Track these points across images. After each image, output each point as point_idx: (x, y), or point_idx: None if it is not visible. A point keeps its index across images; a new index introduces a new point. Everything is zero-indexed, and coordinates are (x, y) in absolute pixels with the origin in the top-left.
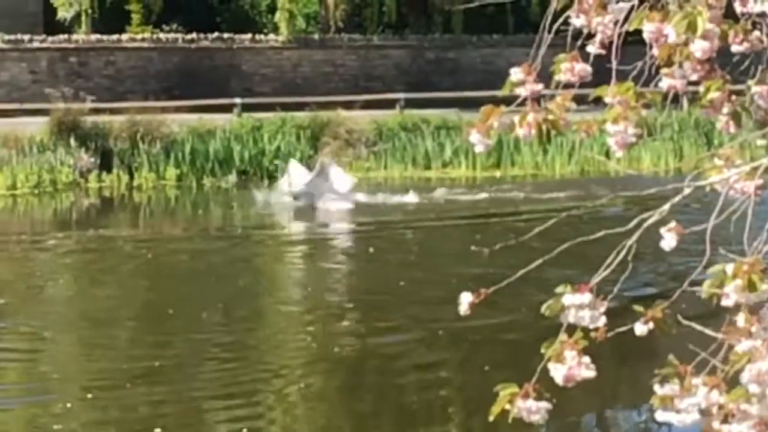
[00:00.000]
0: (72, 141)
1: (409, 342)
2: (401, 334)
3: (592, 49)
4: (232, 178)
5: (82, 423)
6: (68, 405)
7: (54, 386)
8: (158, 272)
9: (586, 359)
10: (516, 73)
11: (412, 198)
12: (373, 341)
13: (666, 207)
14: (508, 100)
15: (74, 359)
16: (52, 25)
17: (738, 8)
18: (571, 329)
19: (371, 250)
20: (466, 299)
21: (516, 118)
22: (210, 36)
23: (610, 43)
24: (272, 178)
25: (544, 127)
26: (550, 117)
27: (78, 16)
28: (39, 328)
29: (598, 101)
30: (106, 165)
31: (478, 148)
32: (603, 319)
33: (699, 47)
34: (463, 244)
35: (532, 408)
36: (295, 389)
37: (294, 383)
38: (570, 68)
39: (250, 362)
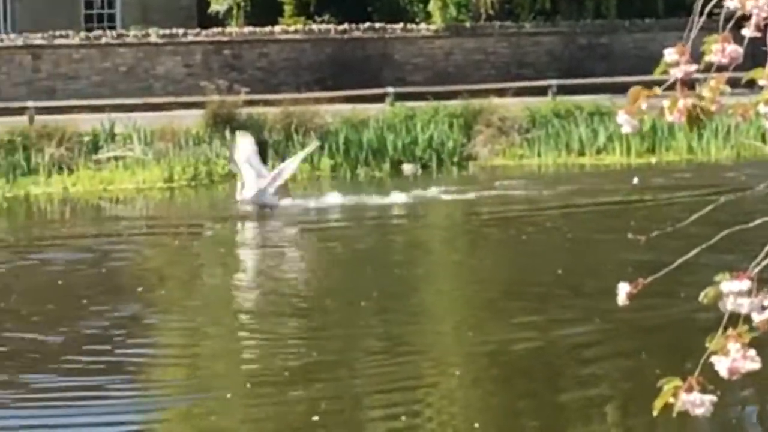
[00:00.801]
0: (227, 133)
1: (578, 335)
2: (564, 327)
3: (747, 32)
4: (386, 167)
5: (240, 419)
6: (226, 401)
7: (211, 382)
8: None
9: (752, 352)
10: (670, 54)
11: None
12: (534, 334)
13: None
14: (661, 85)
15: (231, 353)
16: (205, 18)
17: None
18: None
19: (524, 237)
20: (623, 289)
21: (666, 103)
22: (362, 26)
23: (766, 25)
24: (425, 167)
25: (694, 113)
26: (701, 102)
27: (231, 9)
28: (196, 322)
29: (752, 84)
30: (260, 156)
31: (625, 129)
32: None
33: None
34: (618, 231)
35: (697, 401)
36: (454, 384)
37: (452, 377)
38: (721, 49)
39: (409, 356)
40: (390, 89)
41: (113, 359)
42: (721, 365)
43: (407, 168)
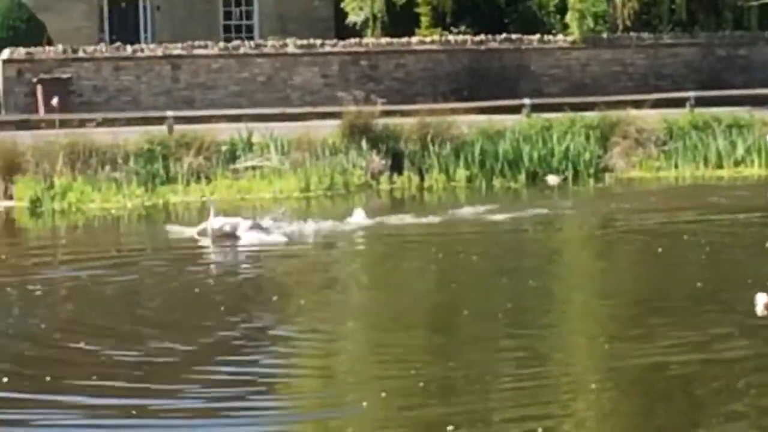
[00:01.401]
0: (363, 143)
1: (723, 351)
2: (714, 344)
3: None
4: (522, 178)
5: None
6: (362, 413)
7: (347, 394)
8: (448, 270)
9: None
10: None
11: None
12: (680, 350)
13: None
14: None
15: (366, 365)
16: (342, 29)
17: None
18: None
19: (659, 250)
20: (761, 300)
21: None
22: (498, 37)
23: None
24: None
25: None
26: None
27: (368, 20)
28: (331, 332)
29: None
30: (396, 167)
31: None
32: None
33: None
34: (758, 244)
35: None
36: (592, 400)
37: (590, 393)
38: None
39: (545, 369)
40: (526, 100)
41: (249, 370)
42: None
43: (551, 179)
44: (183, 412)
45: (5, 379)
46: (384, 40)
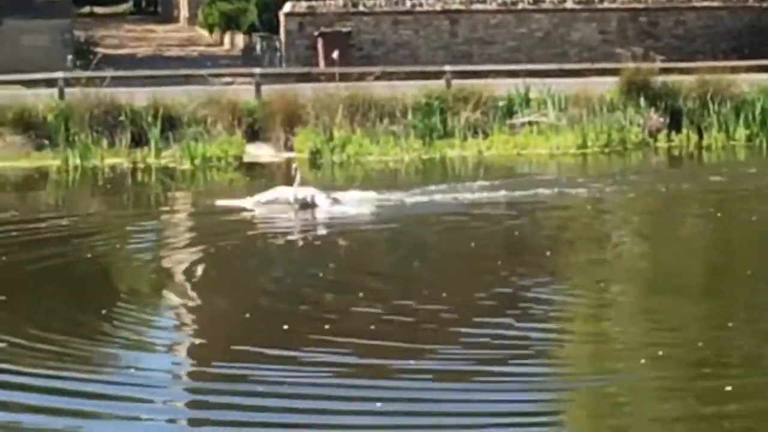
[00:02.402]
0: (641, 101)
1: None
2: None
3: None
4: None
5: (650, 400)
6: (635, 381)
7: (618, 361)
8: (726, 230)
9: None
10: None
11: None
12: None
13: None
14: None
15: (637, 331)
16: None
17: None
18: None
19: None
20: None
21: None
22: None
23: None
24: None
25: None
26: None
27: None
28: (601, 296)
29: None
30: (675, 125)
31: None
32: None
33: None
34: None
35: None
36: None
37: None
38: None
39: None
40: None
41: (518, 333)
42: None
43: None
44: (438, 374)
45: (285, 327)
46: None
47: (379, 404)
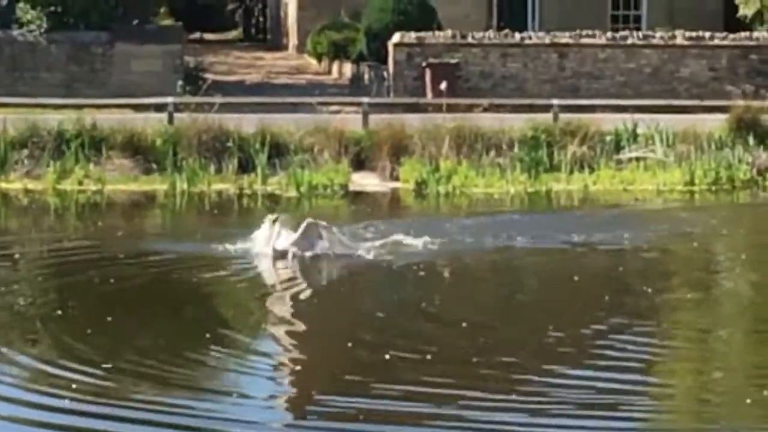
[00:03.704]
0: (750, 139)
1: None
2: None
3: None
4: None
5: None
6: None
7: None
8: None
9: None
10: None
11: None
12: None
13: None
14: None
15: (740, 365)
16: (732, 22)
17: None
18: None
19: None
20: None
21: None
22: None
23: None
24: None
25: None
26: None
27: (759, 13)
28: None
29: None
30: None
31: None
32: None
33: None
34: None
35: None
36: None
37: None
38: None
39: None
40: None
41: (624, 377)
42: None
43: None
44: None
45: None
46: None
47: None
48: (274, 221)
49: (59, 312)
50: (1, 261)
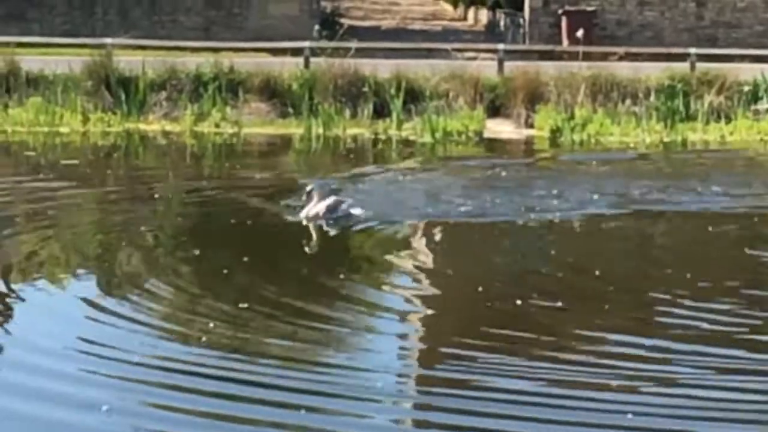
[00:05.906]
0: None
1: None
2: None
3: None
4: None
5: None
6: None
7: None
8: None
9: None
10: None
11: None
12: None
13: None
14: None
15: None
16: None
17: None
18: None
19: None
20: None
21: None
22: None
23: None
24: None
25: None
26: None
27: None
28: None
29: None
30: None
31: None
32: None
33: None
34: None
35: None
36: None
37: None
38: None
39: None
40: None
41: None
42: None
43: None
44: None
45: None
46: None
47: (630, 416)
48: (309, 192)
49: (197, 252)
50: (143, 202)
